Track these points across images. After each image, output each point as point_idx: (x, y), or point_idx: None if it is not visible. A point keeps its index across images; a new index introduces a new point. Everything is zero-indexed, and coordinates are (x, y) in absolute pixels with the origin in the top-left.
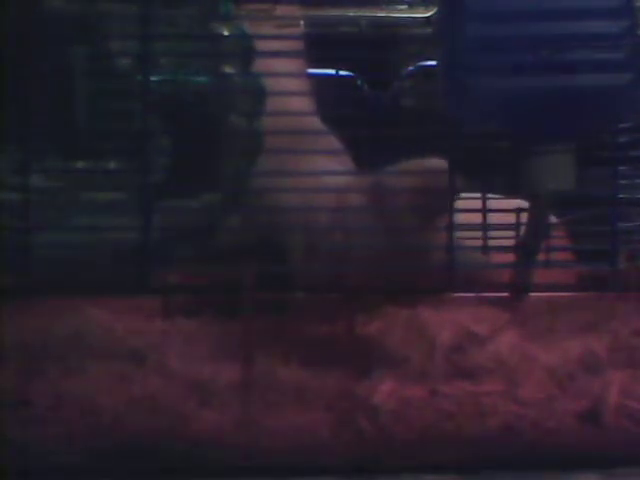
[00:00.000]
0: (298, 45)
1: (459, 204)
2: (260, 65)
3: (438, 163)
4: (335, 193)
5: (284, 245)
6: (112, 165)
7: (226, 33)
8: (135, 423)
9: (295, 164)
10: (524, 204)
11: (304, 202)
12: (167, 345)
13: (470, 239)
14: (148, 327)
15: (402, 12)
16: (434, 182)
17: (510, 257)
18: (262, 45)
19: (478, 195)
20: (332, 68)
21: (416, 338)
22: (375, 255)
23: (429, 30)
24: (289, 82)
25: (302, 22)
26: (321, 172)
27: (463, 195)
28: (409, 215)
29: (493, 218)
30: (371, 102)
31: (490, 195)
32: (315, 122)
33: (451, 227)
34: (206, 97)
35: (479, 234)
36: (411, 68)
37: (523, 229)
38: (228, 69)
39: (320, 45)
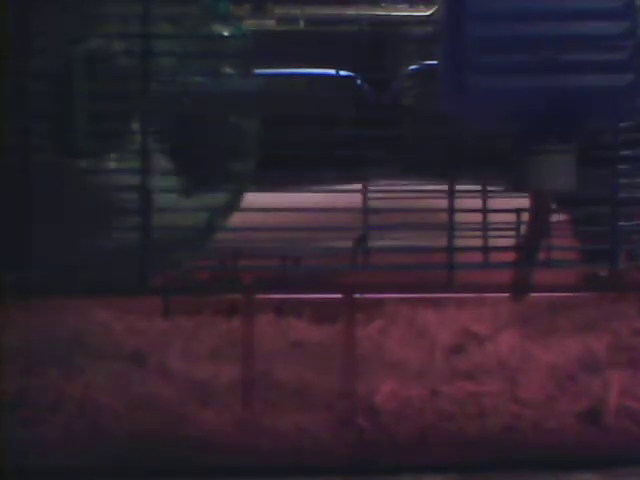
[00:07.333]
0: None
1: (459, 204)
2: None
3: None
4: None
5: None
6: (112, 165)
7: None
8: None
9: None
10: (524, 204)
11: None
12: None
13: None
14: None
15: (402, 11)
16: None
17: (510, 257)
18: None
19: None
20: (332, 68)
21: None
22: None
23: (429, 29)
24: None
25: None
26: None
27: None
28: None
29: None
30: (371, 101)
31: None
32: None
33: (452, 227)
34: None
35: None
36: (411, 67)
37: (523, 229)
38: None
39: (320, 45)
